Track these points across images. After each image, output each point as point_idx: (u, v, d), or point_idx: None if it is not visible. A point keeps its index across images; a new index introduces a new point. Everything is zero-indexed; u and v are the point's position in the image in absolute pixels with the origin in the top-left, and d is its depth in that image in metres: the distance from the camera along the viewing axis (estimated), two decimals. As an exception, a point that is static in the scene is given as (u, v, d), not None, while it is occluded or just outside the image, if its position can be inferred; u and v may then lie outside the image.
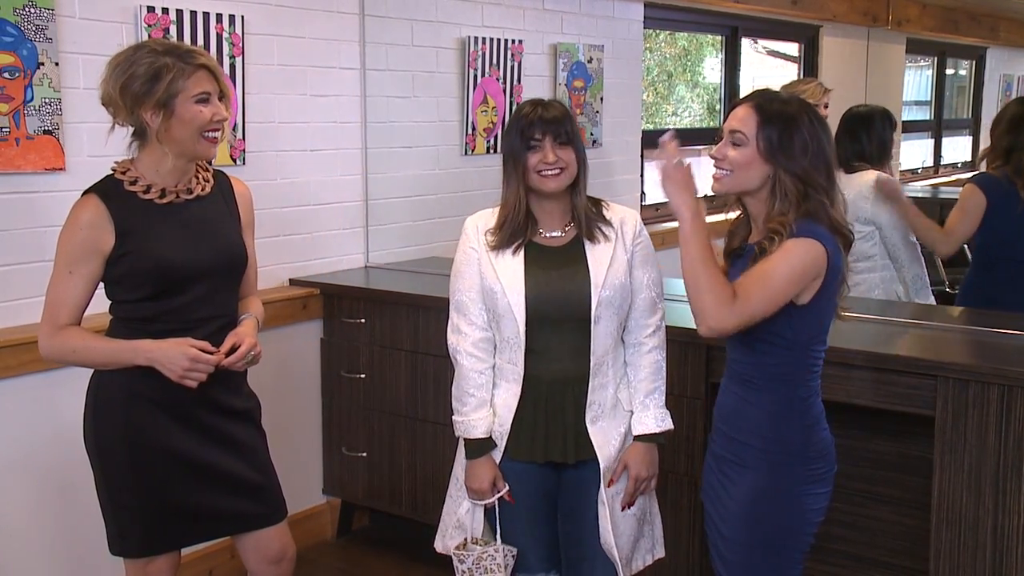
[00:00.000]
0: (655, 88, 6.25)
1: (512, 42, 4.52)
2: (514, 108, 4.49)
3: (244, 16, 3.50)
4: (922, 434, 2.74)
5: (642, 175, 5.43)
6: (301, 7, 3.72)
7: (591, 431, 2.42)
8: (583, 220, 2.44)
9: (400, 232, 4.17)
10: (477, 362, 2.45)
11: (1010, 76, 8.26)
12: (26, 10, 2.92)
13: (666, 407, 2.49)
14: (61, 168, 3.06)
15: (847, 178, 3.63)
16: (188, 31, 3.32)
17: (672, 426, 2.50)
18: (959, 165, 7.74)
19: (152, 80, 2.23)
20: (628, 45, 5.27)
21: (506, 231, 2.43)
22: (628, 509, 2.47)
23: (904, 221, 3.64)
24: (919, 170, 7.75)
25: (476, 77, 4.37)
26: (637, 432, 2.46)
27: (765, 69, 6.74)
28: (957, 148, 8.40)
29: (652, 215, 5.22)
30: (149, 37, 3.17)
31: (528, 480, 2.46)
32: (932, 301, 3.80)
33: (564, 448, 2.43)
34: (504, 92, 4.52)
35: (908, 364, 2.67)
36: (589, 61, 4.94)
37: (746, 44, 6.21)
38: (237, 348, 2.36)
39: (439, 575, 2.97)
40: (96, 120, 3.07)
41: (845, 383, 2.72)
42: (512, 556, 2.47)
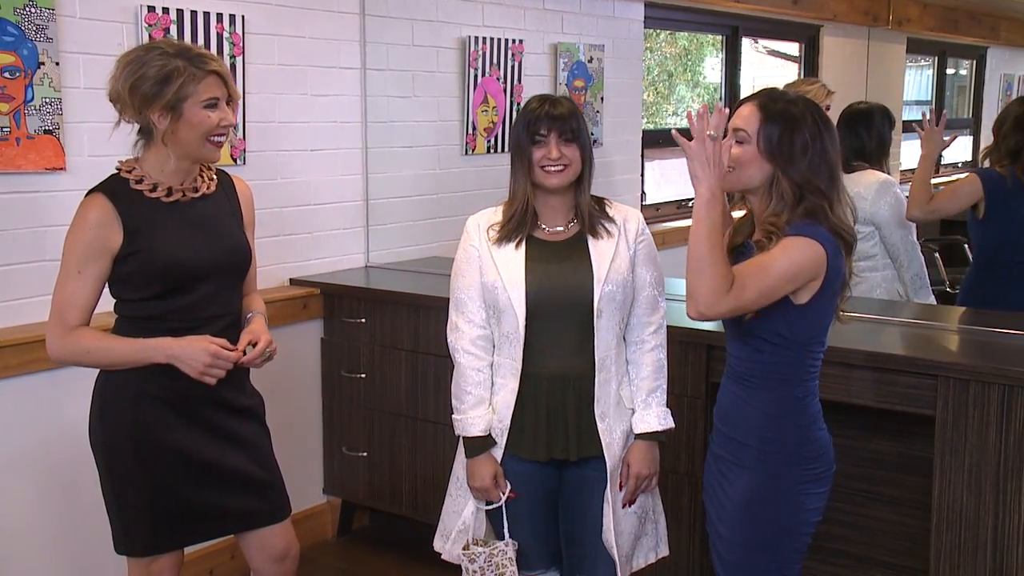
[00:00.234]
0: (655, 88, 6.24)
1: (513, 42, 4.52)
2: (515, 108, 4.49)
3: (244, 16, 3.50)
4: (922, 434, 2.74)
5: (642, 175, 5.43)
6: (301, 7, 3.72)
7: (600, 428, 2.42)
8: (586, 216, 2.44)
9: (400, 232, 4.17)
10: (474, 359, 2.45)
11: (1011, 76, 8.25)
12: (26, 10, 2.92)
13: (667, 406, 2.49)
14: (61, 168, 3.06)
15: (846, 177, 3.60)
16: (188, 31, 3.32)
17: (673, 424, 2.50)
18: (959, 165, 7.73)
19: (162, 82, 2.23)
20: (628, 45, 5.26)
21: (510, 225, 2.44)
22: (629, 507, 2.47)
23: (923, 164, 3.56)
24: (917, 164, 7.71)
25: (476, 77, 4.37)
26: (639, 430, 2.46)
27: (765, 69, 6.74)
28: (957, 148, 8.38)
29: (653, 215, 5.21)
30: (150, 37, 3.17)
31: (530, 478, 2.46)
32: (932, 301, 3.79)
33: (567, 445, 2.43)
34: (505, 92, 4.52)
35: (909, 364, 2.67)
36: (589, 61, 4.94)
37: (746, 44, 6.21)
38: (254, 345, 2.38)
39: (439, 575, 2.97)
40: (97, 120, 3.09)
41: (845, 383, 2.72)
42: (515, 549, 2.47)
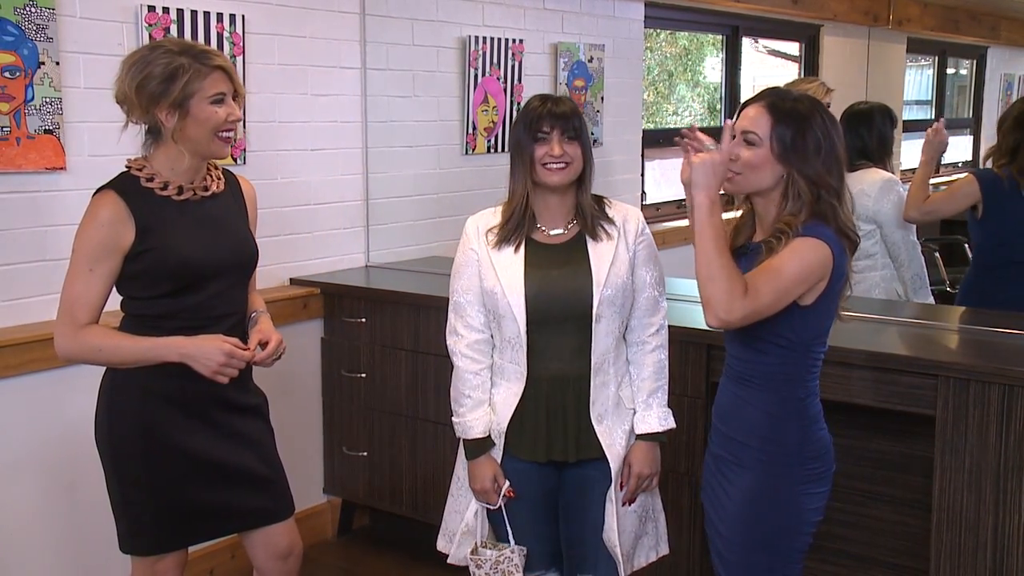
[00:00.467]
0: (656, 87, 6.24)
1: (513, 41, 4.52)
2: (515, 108, 4.49)
3: (245, 15, 3.50)
4: (923, 434, 2.74)
5: (643, 174, 5.43)
6: (302, 6, 3.71)
7: (598, 430, 2.42)
8: (587, 217, 2.44)
9: (401, 231, 4.17)
10: (473, 363, 2.45)
11: (1011, 75, 8.24)
12: (27, 9, 2.92)
13: (668, 406, 2.49)
14: (62, 167, 3.06)
15: (849, 176, 3.61)
16: (188, 30, 3.32)
17: (674, 424, 2.50)
18: (960, 164, 7.73)
19: (168, 80, 2.23)
20: (629, 44, 5.26)
21: (508, 227, 2.43)
22: (629, 506, 2.47)
23: (923, 168, 3.60)
24: (918, 164, 7.70)
25: (477, 76, 4.37)
26: (640, 431, 2.46)
27: (766, 68, 6.74)
28: (958, 147, 8.37)
29: (653, 214, 5.21)
30: (150, 37, 3.18)
31: (529, 479, 2.46)
32: (931, 300, 3.79)
33: (565, 447, 2.43)
34: (505, 91, 4.52)
35: (909, 364, 2.67)
36: (590, 60, 4.94)
37: (747, 43, 6.21)
38: (264, 344, 2.38)
39: (440, 575, 2.97)
40: (97, 120, 3.09)
41: (846, 383, 2.72)
42: (524, 556, 2.48)
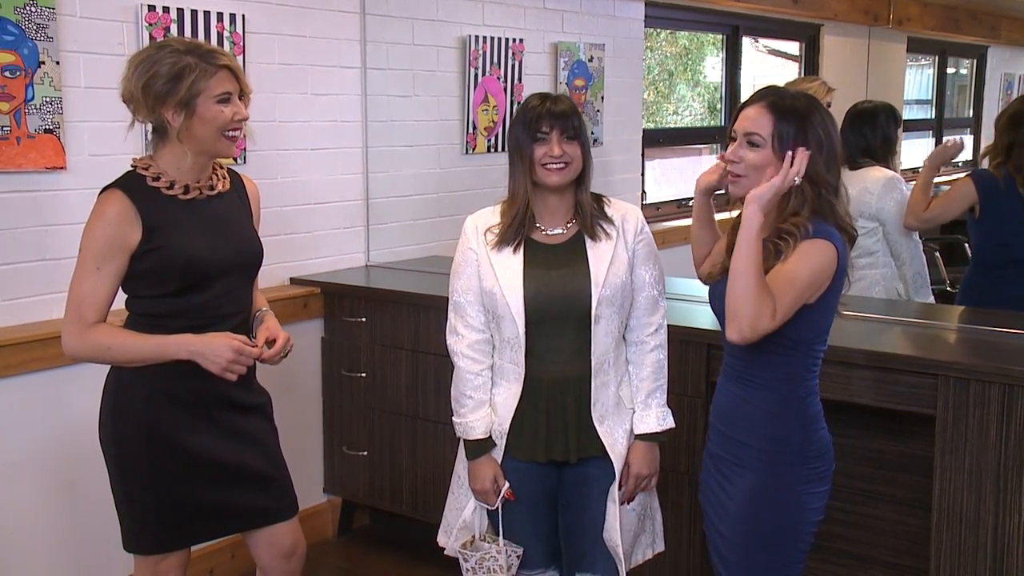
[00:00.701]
0: (656, 87, 6.23)
1: (513, 41, 4.52)
2: (515, 107, 4.49)
3: (245, 15, 3.50)
4: (923, 433, 2.74)
5: (643, 174, 5.43)
6: (302, 6, 3.71)
7: (600, 431, 2.42)
8: (586, 216, 2.43)
9: (401, 231, 4.17)
10: (473, 364, 2.45)
11: (1011, 75, 8.23)
12: (27, 9, 2.92)
13: (667, 406, 2.49)
14: (62, 167, 3.06)
15: (852, 174, 3.63)
16: (189, 30, 3.32)
17: (673, 424, 2.50)
18: (960, 164, 7.72)
19: (174, 80, 2.23)
20: (629, 44, 5.26)
21: (508, 228, 2.42)
22: (628, 505, 2.47)
23: (925, 175, 3.64)
24: (920, 169, 7.70)
25: (477, 76, 4.37)
26: (639, 431, 2.46)
27: (766, 68, 6.74)
28: (958, 148, 8.37)
29: (653, 214, 5.21)
30: (150, 36, 3.18)
31: (529, 478, 2.46)
32: (932, 300, 3.79)
33: (566, 447, 2.43)
34: (505, 91, 4.52)
35: (909, 363, 2.67)
36: (590, 60, 4.94)
37: (747, 43, 6.21)
38: (271, 342, 2.38)
39: (440, 574, 2.98)
40: (97, 119, 3.09)
41: (846, 382, 2.72)
42: (517, 556, 2.47)
